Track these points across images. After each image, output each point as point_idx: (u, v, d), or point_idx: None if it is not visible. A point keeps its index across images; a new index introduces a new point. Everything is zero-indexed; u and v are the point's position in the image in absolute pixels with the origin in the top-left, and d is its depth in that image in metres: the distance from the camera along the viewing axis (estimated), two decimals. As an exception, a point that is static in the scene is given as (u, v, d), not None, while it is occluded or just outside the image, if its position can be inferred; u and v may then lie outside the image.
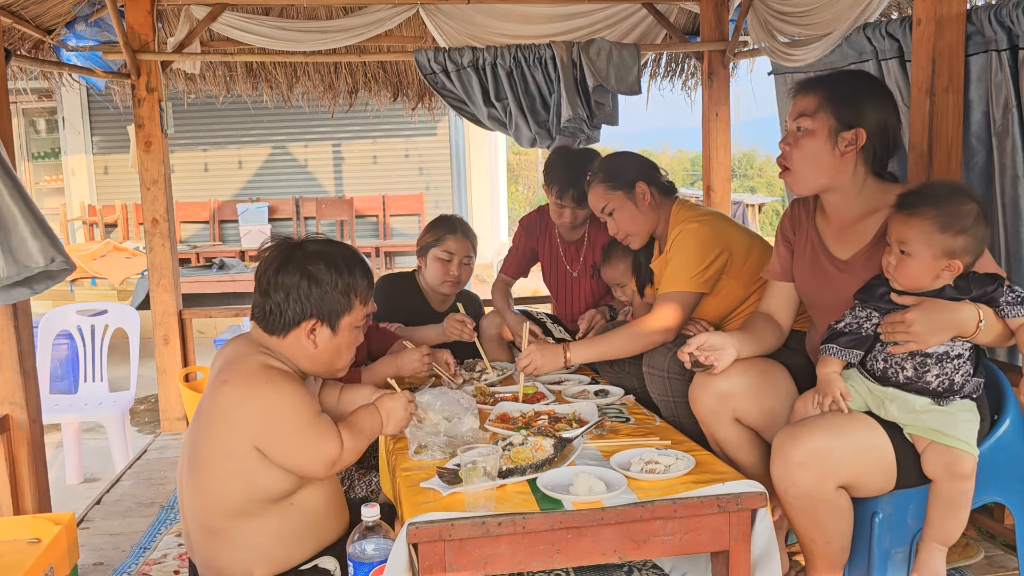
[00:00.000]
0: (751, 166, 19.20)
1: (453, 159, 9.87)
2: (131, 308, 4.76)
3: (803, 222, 2.35)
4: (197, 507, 2.01)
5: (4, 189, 2.54)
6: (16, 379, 2.88)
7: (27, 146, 11.00)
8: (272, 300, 2.01)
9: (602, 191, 2.81)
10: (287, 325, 2.01)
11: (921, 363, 1.99)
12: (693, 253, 2.60)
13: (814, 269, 2.29)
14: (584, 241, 3.51)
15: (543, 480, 1.91)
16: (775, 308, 2.41)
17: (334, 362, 2.10)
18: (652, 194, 2.77)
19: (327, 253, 2.05)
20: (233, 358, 2.02)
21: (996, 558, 2.53)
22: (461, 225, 3.38)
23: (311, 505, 2.04)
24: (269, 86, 5.06)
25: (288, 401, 1.93)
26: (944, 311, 1.95)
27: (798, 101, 2.19)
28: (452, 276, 3.30)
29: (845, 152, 2.13)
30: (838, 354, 2.06)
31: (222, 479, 1.95)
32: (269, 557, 1.99)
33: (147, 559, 2.79)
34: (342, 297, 2.03)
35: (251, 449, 1.92)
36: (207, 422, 1.98)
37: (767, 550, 1.91)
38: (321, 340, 2.04)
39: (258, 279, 2.05)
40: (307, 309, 2.00)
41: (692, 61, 4.71)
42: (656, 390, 2.58)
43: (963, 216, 1.92)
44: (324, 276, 2.01)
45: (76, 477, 4.57)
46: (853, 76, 2.29)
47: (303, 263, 2.01)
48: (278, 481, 1.96)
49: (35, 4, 3.35)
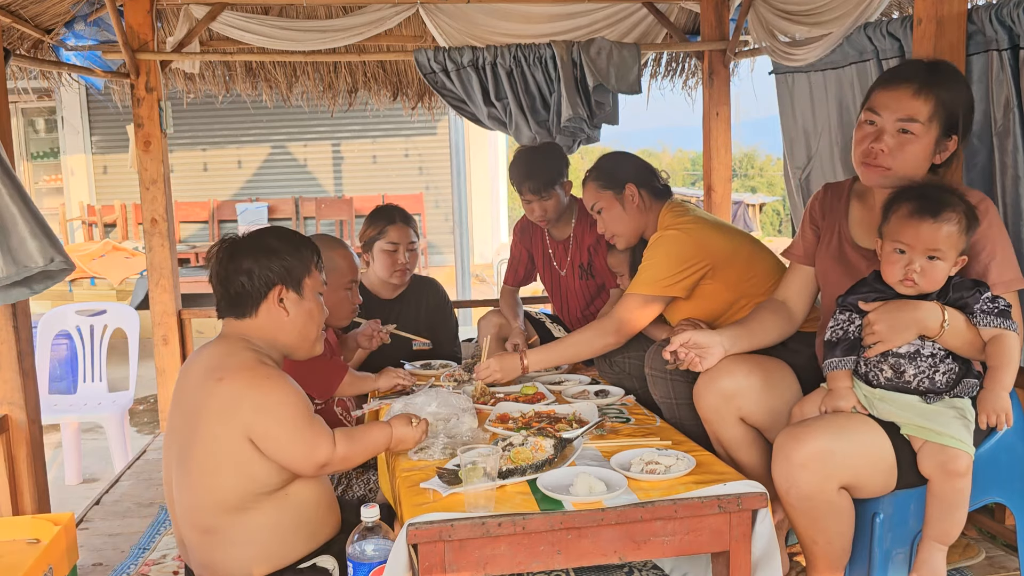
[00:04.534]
0: (752, 166, 19.19)
1: (453, 159, 9.84)
2: (130, 308, 4.76)
3: (834, 208, 2.32)
4: (190, 507, 2.01)
5: (3, 189, 2.54)
6: (15, 379, 2.88)
7: (26, 146, 11.00)
8: (235, 285, 2.07)
9: (593, 189, 2.86)
10: (256, 300, 2.07)
11: (895, 363, 2.00)
12: (664, 259, 2.62)
13: (839, 258, 2.27)
14: (571, 240, 3.52)
15: (543, 480, 1.91)
16: (791, 294, 2.40)
17: (308, 330, 2.15)
18: (642, 197, 2.80)
19: (271, 231, 2.16)
20: (223, 357, 2.03)
21: (997, 558, 2.53)
22: (400, 213, 3.40)
23: (305, 497, 2.04)
24: (268, 86, 5.05)
25: (285, 397, 1.96)
26: (903, 310, 1.97)
27: (907, 100, 2.05)
28: (401, 264, 3.34)
29: (940, 158, 2.11)
30: (840, 365, 2.06)
31: (214, 474, 1.95)
32: (267, 553, 1.99)
33: (146, 559, 2.79)
34: (299, 261, 2.12)
35: (244, 441, 1.93)
36: (198, 420, 1.98)
37: (768, 550, 1.91)
38: (291, 305, 2.10)
39: (214, 276, 2.12)
40: (271, 278, 2.08)
41: (692, 61, 4.70)
42: (659, 392, 2.58)
43: (974, 215, 1.96)
44: (277, 245, 2.10)
45: (75, 477, 4.56)
46: (956, 76, 2.13)
47: (253, 243, 2.11)
48: (271, 472, 1.97)
49: (34, 4, 3.34)
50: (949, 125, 2.07)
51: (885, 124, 2.08)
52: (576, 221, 3.50)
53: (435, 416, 2.29)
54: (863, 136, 2.12)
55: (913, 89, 2.05)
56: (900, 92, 2.06)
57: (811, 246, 2.37)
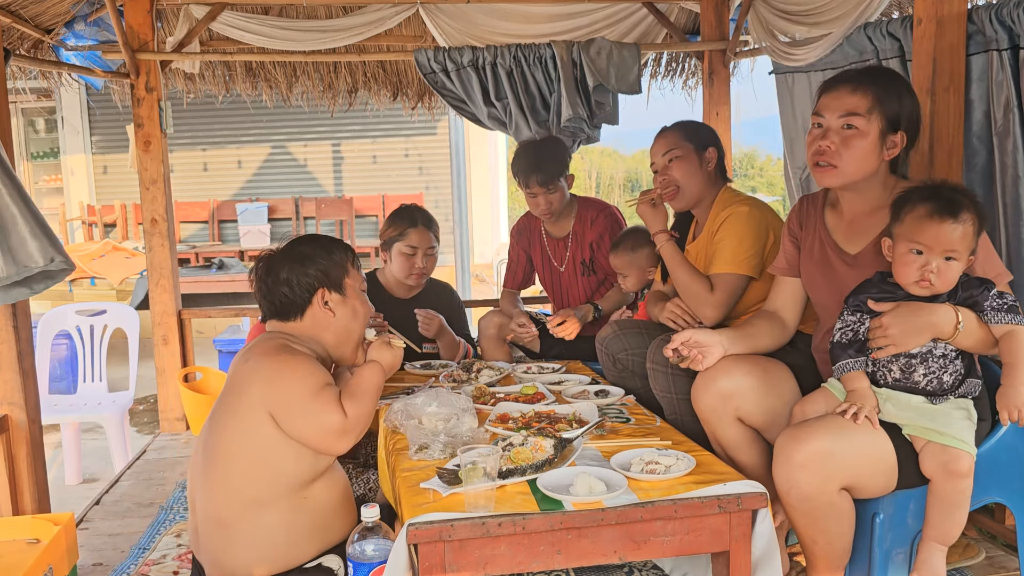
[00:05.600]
0: (751, 166, 19.18)
1: (453, 159, 9.84)
2: (130, 308, 4.76)
3: (811, 217, 2.36)
4: (210, 499, 2.04)
5: (3, 189, 2.54)
6: (15, 379, 2.88)
7: (26, 146, 10.99)
8: (279, 295, 2.18)
9: (675, 137, 2.79)
10: (302, 305, 2.18)
11: (906, 364, 2.00)
12: (747, 234, 2.60)
13: (822, 264, 2.29)
14: (570, 237, 3.52)
15: (543, 480, 1.91)
16: (781, 304, 2.42)
17: (352, 328, 2.24)
18: (715, 166, 2.78)
19: (303, 240, 2.27)
20: (255, 345, 2.14)
21: (997, 558, 2.53)
22: (422, 216, 3.37)
23: (323, 502, 2.06)
24: (268, 86, 5.05)
25: (298, 370, 2.04)
26: (919, 313, 1.97)
27: (845, 96, 2.15)
28: (418, 269, 3.34)
29: (890, 154, 2.16)
30: (854, 367, 2.05)
31: (238, 457, 2.00)
32: (275, 554, 2.01)
33: (146, 559, 2.79)
34: (336, 263, 2.22)
35: (263, 413, 1.99)
36: (224, 399, 2.08)
37: (768, 550, 1.91)
38: (335, 305, 2.20)
39: (258, 291, 2.23)
40: (312, 283, 2.18)
41: (692, 61, 4.70)
42: (659, 386, 2.58)
43: (983, 214, 1.98)
44: (312, 252, 2.21)
45: (75, 477, 4.56)
46: (895, 75, 2.25)
47: (288, 255, 2.21)
48: (291, 458, 2.00)
49: (34, 4, 3.34)
50: (891, 119, 2.14)
51: (830, 123, 2.17)
52: (576, 218, 3.50)
53: (435, 416, 2.29)
54: (812, 139, 2.22)
55: (850, 87, 2.15)
56: (839, 91, 2.17)
57: (793, 258, 2.40)
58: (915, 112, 2.18)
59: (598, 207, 3.55)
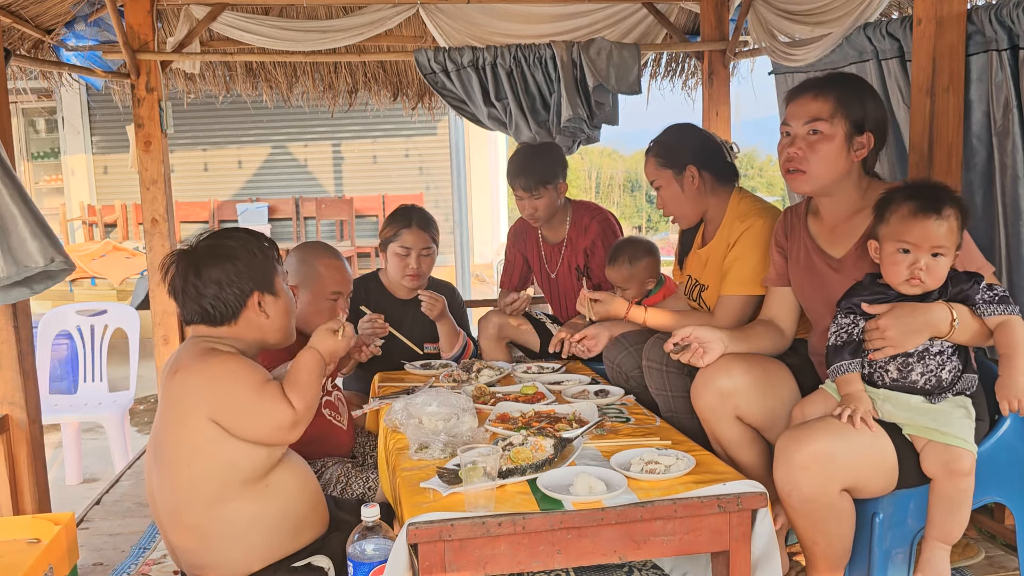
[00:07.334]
0: (751, 166, 19.16)
1: (453, 159, 9.85)
2: (131, 308, 4.75)
3: (795, 226, 2.40)
4: (171, 507, 2.01)
5: (4, 189, 2.54)
6: (16, 379, 2.88)
7: (27, 146, 10.99)
8: (207, 297, 2.05)
9: (653, 166, 2.76)
10: (235, 310, 2.06)
11: (904, 363, 2.01)
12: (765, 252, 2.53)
13: (809, 270, 2.31)
14: (565, 243, 3.51)
15: (543, 480, 1.91)
16: (775, 313, 2.45)
17: (288, 324, 2.17)
18: (703, 179, 2.68)
19: (225, 235, 2.14)
20: (180, 354, 2.07)
21: (996, 558, 2.53)
22: (418, 217, 3.34)
23: (286, 488, 2.04)
24: (269, 86, 5.05)
25: (234, 372, 1.97)
26: (916, 313, 1.97)
27: (808, 104, 2.21)
28: (412, 270, 3.30)
29: (858, 156, 2.20)
30: (849, 369, 2.06)
31: (188, 465, 1.96)
32: (249, 546, 1.99)
33: (147, 559, 2.79)
34: (264, 261, 2.11)
35: (208, 423, 1.94)
36: (163, 417, 2.02)
37: (767, 550, 1.91)
38: (269, 308, 2.11)
39: (180, 292, 2.08)
40: (245, 286, 2.06)
41: (692, 61, 4.70)
42: (654, 384, 2.58)
43: (966, 209, 2.00)
44: (239, 252, 2.08)
45: (76, 477, 4.56)
46: (856, 79, 2.33)
47: (213, 253, 2.07)
48: (244, 455, 1.97)
49: (35, 4, 3.34)
50: (856, 122, 2.18)
51: (796, 131, 2.24)
52: (571, 224, 3.49)
53: (435, 416, 2.29)
54: (781, 148, 2.28)
55: (812, 94, 2.22)
56: (802, 100, 2.24)
57: (782, 268, 2.43)
58: (879, 113, 2.23)
59: (592, 212, 3.53)
